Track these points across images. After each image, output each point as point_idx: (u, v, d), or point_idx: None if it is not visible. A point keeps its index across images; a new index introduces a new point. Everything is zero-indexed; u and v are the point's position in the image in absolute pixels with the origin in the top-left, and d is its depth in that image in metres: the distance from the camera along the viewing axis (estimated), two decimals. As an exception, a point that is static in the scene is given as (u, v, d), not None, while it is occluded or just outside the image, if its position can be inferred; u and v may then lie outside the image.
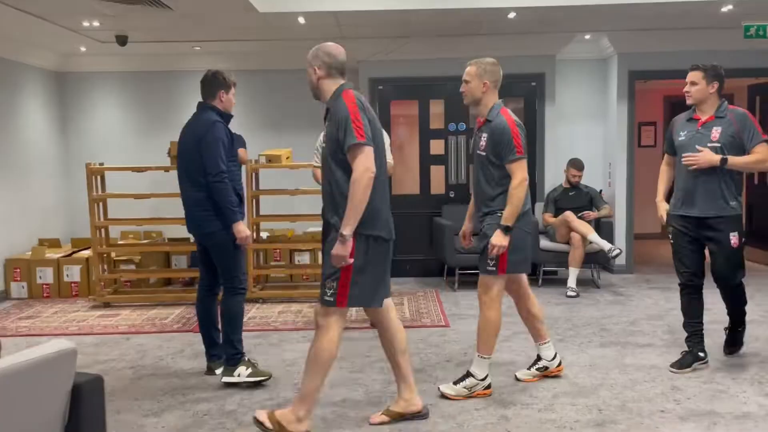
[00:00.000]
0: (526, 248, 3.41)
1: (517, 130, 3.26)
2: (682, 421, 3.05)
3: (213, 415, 3.20)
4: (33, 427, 1.70)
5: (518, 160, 3.24)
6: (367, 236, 2.78)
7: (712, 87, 3.64)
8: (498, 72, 3.38)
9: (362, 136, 2.70)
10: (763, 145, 3.56)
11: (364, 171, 2.69)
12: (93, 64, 6.98)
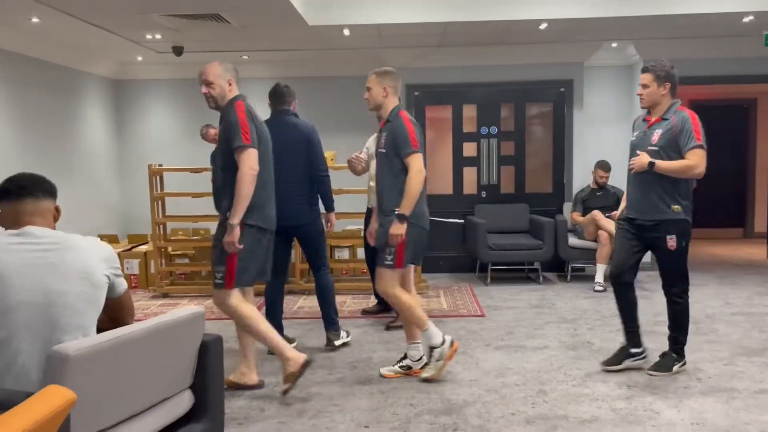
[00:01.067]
0: (419, 244, 3.64)
1: (413, 128, 3.53)
2: (703, 395, 3.39)
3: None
4: (175, 372, 2.11)
5: (414, 153, 3.48)
6: (250, 225, 3.22)
7: (664, 88, 3.59)
8: (396, 79, 3.68)
9: (248, 140, 3.15)
10: (695, 150, 3.48)
11: (248, 169, 3.15)
12: (147, 72, 7.49)
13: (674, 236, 3.57)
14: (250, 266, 3.30)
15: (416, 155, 3.50)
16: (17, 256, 1.96)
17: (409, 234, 3.51)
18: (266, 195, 3.33)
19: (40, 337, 1.93)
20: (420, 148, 3.53)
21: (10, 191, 2.12)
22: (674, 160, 3.52)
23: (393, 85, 3.65)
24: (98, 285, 2.07)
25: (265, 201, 3.31)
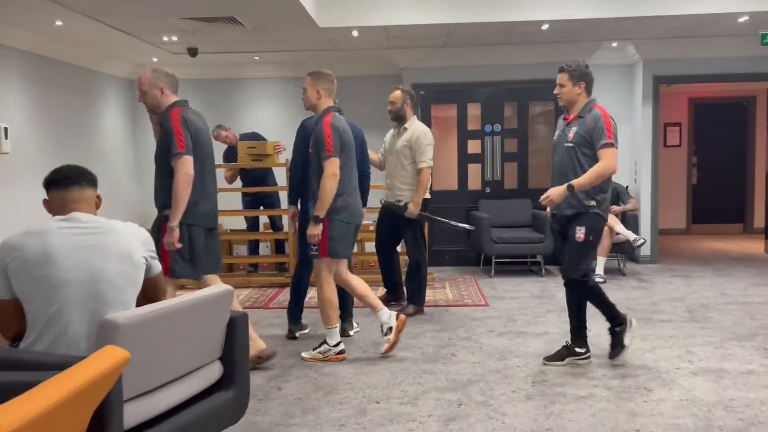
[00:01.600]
0: (344, 238, 3.83)
1: (330, 131, 3.70)
2: (693, 375, 3.60)
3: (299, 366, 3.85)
4: (207, 344, 2.34)
5: (328, 158, 3.66)
6: (188, 225, 3.43)
7: (579, 87, 3.68)
8: (331, 82, 3.89)
9: (182, 147, 3.36)
10: (605, 148, 3.53)
11: (183, 175, 3.36)
12: (162, 72, 7.73)
13: (584, 228, 3.63)
14: (180, 260, 3.47)
15: (330, 160, 3.68)
16: (66, 239, 2.19)
17: (331, 230, 3.74)
18: (199, 193, 3.47)
19: (87, 310, 2.16)
20: (336, 153, 3.69)
21: (58, 181, 2.35)
22: (587, 157, 3.60)
23: (327, 87, 3.87)
24: (137, 265, 2.30)
25: (198, 199, 3.47)
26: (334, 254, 3.83)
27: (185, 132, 3.39)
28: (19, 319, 2.27)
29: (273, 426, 3.01)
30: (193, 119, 3.50)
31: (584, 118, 3.63)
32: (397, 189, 4.99)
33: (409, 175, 4.95)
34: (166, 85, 3.48)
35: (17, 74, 5.57)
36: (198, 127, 3.51)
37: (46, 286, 2.12)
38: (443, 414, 3.12)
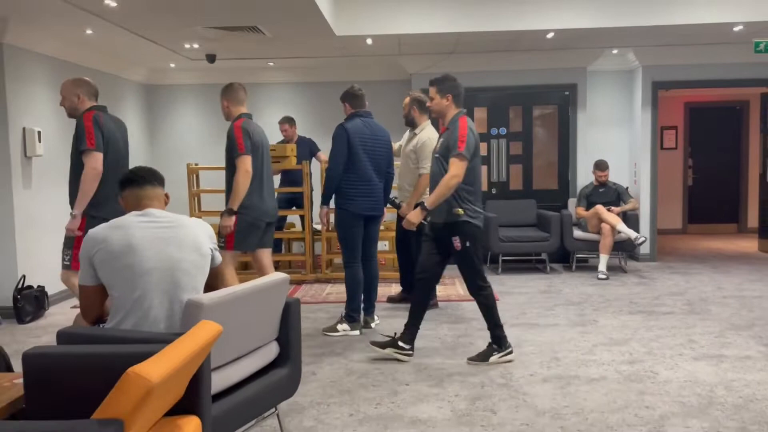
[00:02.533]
0: (247, 232, 4.13)
1: (240, 133, 4.04)
2: (695, 360, 3.90)
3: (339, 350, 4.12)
4: (268, 325, 2.61)
5: (239, 156, 4.02)
6: (93, 216, 3.82)
7: (447, 99, 3.83)
8: (238, 92, 4.26)
9: (92, 144, 3.76)
10: (453, 159, 3.65)
11: (90, 169, 3.76)
12: (178, 77, 8.00)
13: (458, 238, 3.77)
14: None
15: (241, 158, 4.03)
16: (145, 232, 2.46)
17: (237, 224, 4.10)
18: (111, 189, 3.79)
19: (166, 295, 2.42)
20: (246, 152, 4.02)
21: (133, 180, 2.62)
22: (440, 169, 3.79)
23: (235, 97, 4.25)
24: (205, 255, 2.57)
25: (110, 194, 3.80)
26: (239, 247, 4.17)
27: (96, 132, 3.81)
28: (101, 304, 2.55)
29: (314, 404, 3.29)
30: (108, 123, 3.90)
31: (449, 129, 3.80)
32: (405, 190, 5.25)
33: (415, 178, 5.21)
34: (83, 93, 3.94)
35: (47, 80, 5.82)
36: (110, 129, 3.91)
37: (130, 274, 2.39)
38: (469, 394, 3.40)
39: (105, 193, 3.81)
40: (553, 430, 2.94)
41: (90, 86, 3.98)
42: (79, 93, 3.92)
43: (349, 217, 4.55)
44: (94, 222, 3.72)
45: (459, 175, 3.66)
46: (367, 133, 4.58)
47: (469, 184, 3.76)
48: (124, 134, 4.05)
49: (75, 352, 2.02)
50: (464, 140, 3.66)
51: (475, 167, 3.82)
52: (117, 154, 3.94)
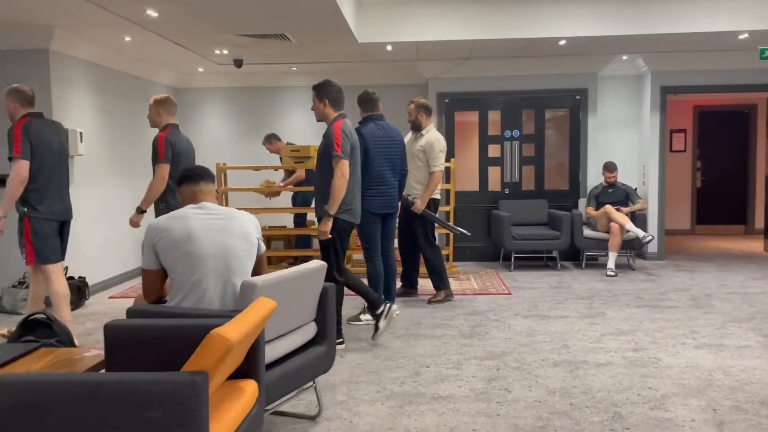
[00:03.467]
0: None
1: (162, 143, 4.49)
2: (697, 348, 4.18)
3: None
4: (308, 306, 2.93)
5: (158, 164, 4.48)
6: (34, 217, 4.15)
7: (324, 104, 4.19)
8: (169, 103, 4.65)
9: (17, 152, 4.06)
10: (335, 161, 4.00)
11: (15, 176, 4.06)
12: (205, 81, 8.36)
13: None
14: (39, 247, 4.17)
15: (159, 166, 4.50)
16: (202, 222, 2.79)
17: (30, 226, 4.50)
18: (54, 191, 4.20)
19: (220, 279, 2.75)
20: (165, 160, 4.47)
21: (190, 177, 2.95)
22: (325, 167, 4.09)
23: (169, 109, 4.65)
24: (252, 243, 2.89)
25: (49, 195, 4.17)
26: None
27: (24, 140, 4.09)
28: (161, 286, 2.88)
29: (344, 382, 3.60)
30: (40, 129, 4.20)
31: (327, 133, 4.13)
32: (411, 187, 5.56)
33: (421, 175, 5.53)
34: (15, 100, 4.21)
35: (87, 84, 6.19)
36: (42, 135, 4.21)
37: (189, 259, 2.71)
38: (485, 375, 3.70)
39: (42, 192, 4.17)
40: (562, 406, 3.24)
41: (24, 94, 4.20)
42: (13, 102, 4.17)
43: (367, 215, 4.86)
44: (35, 221, 4.16)
45: (345, 175, 4.03)
46: (381, 135, 4.89)
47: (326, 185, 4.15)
48: (59, 136, 4.37)
49: (149, 324, 2.34)
50: (339, 143, 4.03)
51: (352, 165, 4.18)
52: (52, 156, 4.25)
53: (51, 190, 4.22)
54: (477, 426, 3.01)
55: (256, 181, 7.92)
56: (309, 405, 3.29)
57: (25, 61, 5.58)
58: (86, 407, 1.75)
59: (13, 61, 5.58)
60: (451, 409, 3.21)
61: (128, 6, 4.87)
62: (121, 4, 4.81)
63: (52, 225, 4.23)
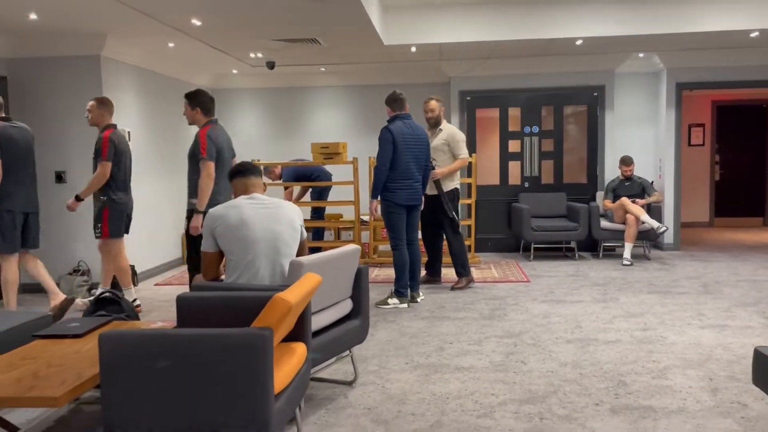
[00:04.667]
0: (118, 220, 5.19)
1: (107, 144, 5.00)
2: (701, 328, 4.51)
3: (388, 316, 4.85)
4: (345, 284, 3.33)
5: (101, 162, 4.98)
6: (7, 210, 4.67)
7: (196, 112, 4.61)
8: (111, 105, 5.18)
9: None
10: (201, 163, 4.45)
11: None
12: (239, 82, 8.82)
13: (187, 222, 4.59)
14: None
15: (101, 164, 4.99)
16: (253, 211, 3.21)
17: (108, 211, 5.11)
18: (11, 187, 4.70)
19: (269, 259, 3.17)
20: (108, 158, 4.99)
21: (242, 172, 3.37)
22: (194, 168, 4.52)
23: (110, 111, 5.20)
24: (296, 230, 3.31)
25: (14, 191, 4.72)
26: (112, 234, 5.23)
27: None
28: (218, 266, 3.31)
29: (376, 356, 4.01)
30: (6, 130, 4.70)
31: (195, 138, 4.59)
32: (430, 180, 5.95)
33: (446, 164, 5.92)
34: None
35: (134, 87, 6.67)
36: (9, 135, 4.69)
37: (243, 243, 3.14)
38: (503, 350, 4.08)
39: (8, 188, 4.68)
40: (573, 375, 3.61)
41: None
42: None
43: (393, 206, 5.26)
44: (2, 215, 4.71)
45: (210, 175, 4.47)
46: (408, 132, 5.28)
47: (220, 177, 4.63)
48: (27, 137, 4.87)
49: (215, 295, 2.77)
50: (205, 147, 4.47)
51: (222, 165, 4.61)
52: (18, 154, 4.76)
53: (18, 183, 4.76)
54: (495, 391, 3.39)
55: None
56: (346, 373, 3.70)
57: (79, 66, 6.07)
58: (175, 357, 2.17)
59: (68, 67, 6.08)
60: (472, 378, 3.60)
61: (176, 16, 5.32)
62: (169, 14, 5.26)
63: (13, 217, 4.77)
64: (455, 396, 3.32)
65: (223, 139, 4.67)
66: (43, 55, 6.08)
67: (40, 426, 3.07)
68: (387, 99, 5.42)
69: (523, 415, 3.06)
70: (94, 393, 3.41)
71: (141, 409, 2.21)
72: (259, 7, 5.11)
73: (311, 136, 8.75)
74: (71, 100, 6.10)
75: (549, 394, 3.33)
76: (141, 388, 2.20)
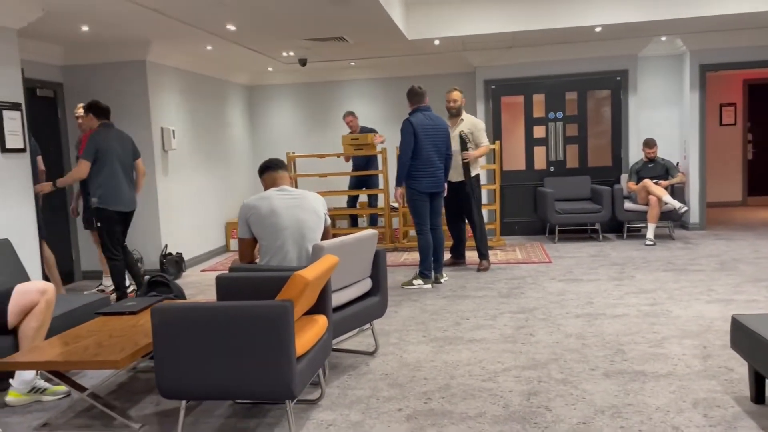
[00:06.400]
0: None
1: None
2: (711, 303, 4.75)
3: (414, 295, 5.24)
4: (364, 265, 3.73)
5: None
6: None
7: (89, 117, 5.28)
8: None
9: None
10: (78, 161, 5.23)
11: None
12: (274, 79, 9.29)
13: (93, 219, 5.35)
14: None
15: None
16: (282, 201, 3.63)
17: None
18: None
19: (296, 244, 3.59)
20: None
21: (270, 167, 3.79)
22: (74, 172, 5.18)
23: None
24: (321, 217, 3.72)
25: None
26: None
27: None
28: (252, 250, 3.75)
29: (397, 330, 4.41)
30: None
31: None
32: (459, 165, 6.25)
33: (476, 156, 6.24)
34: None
35: (177, 88, 7.20)
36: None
37: (273, 230, 3.56)
38: (515, 324, 4.43)
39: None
40: (575, 345, 3.93)
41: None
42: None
43: (417, 193, 5.63)
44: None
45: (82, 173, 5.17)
46: (428, 123, 5.62)
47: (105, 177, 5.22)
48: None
49: (250, 275, 3.20)
50: (83, 147, 5.20)
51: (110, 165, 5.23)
52: None
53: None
54: (502, 359, 3.75)
55: (321, 167, 8.81)
56: (368, 346, 4.12)
57: (126, 71, 6.61)
58: (212, 325, 2.61)
59: (116, 72, 6.63)
60: (483, 348, 3.96)
61: (212, 22, 5.77)
62: (206, 21, 5.72)
63: None
64: (465, 363, 3.70)
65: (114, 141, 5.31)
66: (94, 62, 6.64)
67: (106, 389, 3.59)
68: (408, 93, 5.76)
69: (523, 379, 3.42)
70: (149, 363, 3.91)
71: (186, 370, 2.66)
72: (286, 12, 5.51)
73: (344, 128, 9.16)
74: (120, 102, 6.65)
75: (550, 362, 3.67)
76: (185, 352, 2.65)
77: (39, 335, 3.41)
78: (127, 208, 5.38)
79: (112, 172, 5.25)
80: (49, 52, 6.38)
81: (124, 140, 5.41)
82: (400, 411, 3.07)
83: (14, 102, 4.77)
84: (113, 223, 5.31)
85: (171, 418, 3.14)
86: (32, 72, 6.23)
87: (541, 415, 2.95)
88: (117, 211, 5.29)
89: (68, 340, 3.18)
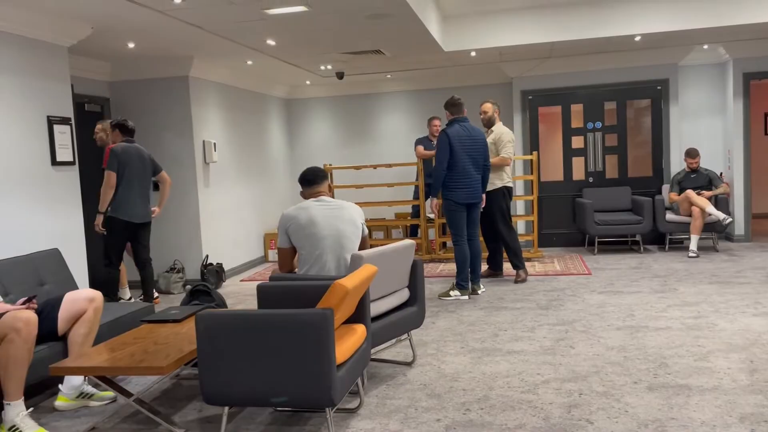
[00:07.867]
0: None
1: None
2: (758, 316, 4.62)
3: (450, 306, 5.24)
4: (402, 274, 3.75)
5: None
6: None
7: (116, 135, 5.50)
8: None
9: None
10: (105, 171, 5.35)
11: None
12: (312, 92, 9.43)
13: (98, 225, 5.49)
14: None
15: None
16: (321, 211, 3.68)
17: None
18: None
19: (335, 254, 3.63)
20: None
21: (310, 178, 3.86)
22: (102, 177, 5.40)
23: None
24: (358, 227, 3.75)
25: None
26: None
27: None
28: (291, 260, 3.80)
29: (435, 341, 4.41)
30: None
31: None
32: None
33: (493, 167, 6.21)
34: None
35: (218, 102, 7.37)
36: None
37: (313, 239, 3.61)
38: (554, 337, 4.38)
39: None
40: (617, 358, 3.87)
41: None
42: None
43: (453, 205, 5.63)
44: None
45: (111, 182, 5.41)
46: (465, 135, 5.62)
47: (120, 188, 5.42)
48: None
49: (290, 284, 3.25)
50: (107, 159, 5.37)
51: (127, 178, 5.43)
52: None
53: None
54: (541, 371, 3.71)
55: (358, 179, 8.88)
56: (405, 356, 4.12)
57: (170, 86, 6.80)
58: (255, 332, 2.66)
59: (160, 87, 6.82)
60: (521, 360, 3.93)
61: (252, 38, 5.91)
62: (247, 37, 5.86)
63: None
64: (503, 375, 3.68)
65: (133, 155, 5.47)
66: (140, 78, 6.85)
67: (150, 395, 3.68)
68: (446, 104, 5.78)
69: (563, 392, 3.38)
70: (192, 370, 4.00)
71: (228, 377, 2.71)
72: (324, 26, 5.61)
73: (380, 140, 9.23)
74: (164, 116, 6.84)
75: (591, 374, 3.62)
76: (228, 358, 2.71)
77: (87, 342, 3.52)
78: (138, 220, 5.54)
79: (128, 184, 5.44)
80: (97, 68, 6.61)
81: (143, 157, 5.58)
82: (439, 421, 3.07)
83: (64, 116, 4.96)
84: (120, 232, 5.49)
85: (213, 424, 3.20)
86: (81, 87, 6.46)
87: (582, 428, 2.91)
88: (126, 222, 5.46)
89: (115, 346, 3.28)
